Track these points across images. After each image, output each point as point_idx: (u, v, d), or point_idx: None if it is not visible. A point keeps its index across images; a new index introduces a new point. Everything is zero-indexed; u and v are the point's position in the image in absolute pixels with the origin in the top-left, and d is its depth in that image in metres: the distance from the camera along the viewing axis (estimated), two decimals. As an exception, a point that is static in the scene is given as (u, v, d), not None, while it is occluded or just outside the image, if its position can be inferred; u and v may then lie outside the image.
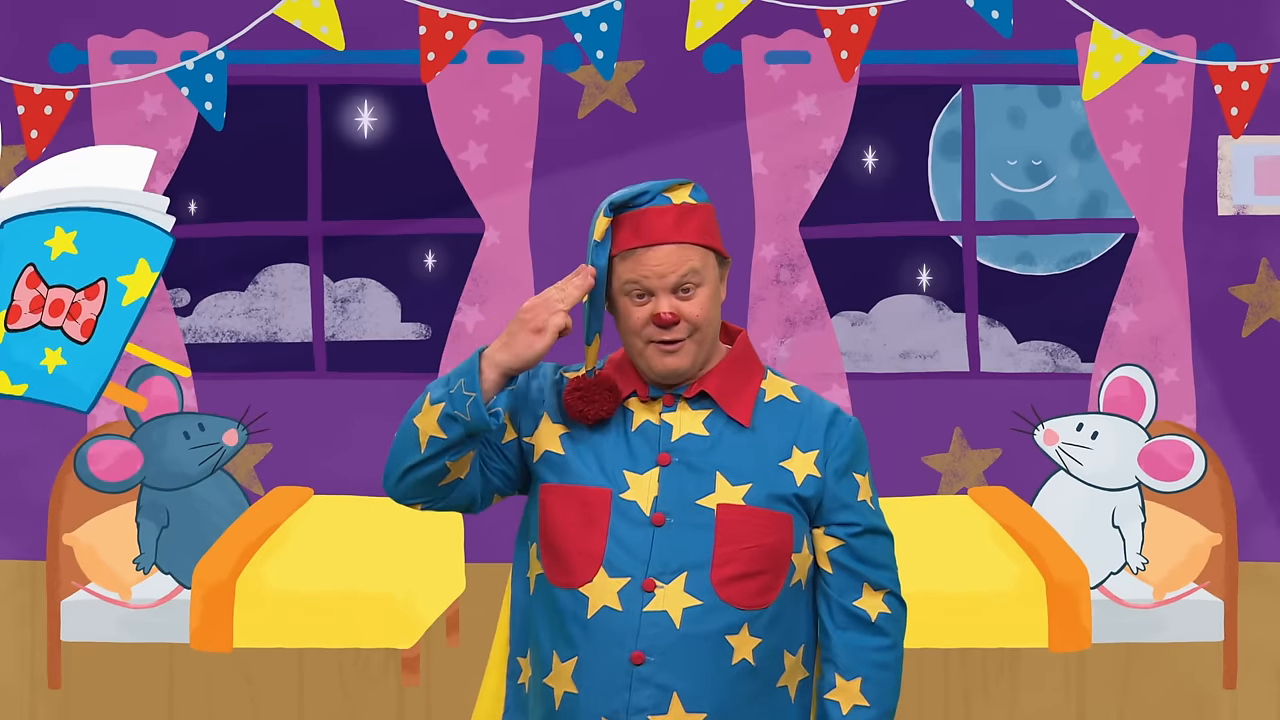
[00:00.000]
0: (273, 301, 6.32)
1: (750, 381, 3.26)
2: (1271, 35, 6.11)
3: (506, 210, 6.22)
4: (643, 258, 3.19)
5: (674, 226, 3.20)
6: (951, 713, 6.04)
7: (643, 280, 3.19)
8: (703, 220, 3.23)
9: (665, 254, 3.19)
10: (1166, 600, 5.53)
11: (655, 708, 3.13)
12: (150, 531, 5.65)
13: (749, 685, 3.16)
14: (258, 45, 6.10)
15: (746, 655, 3.16)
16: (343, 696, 6.07)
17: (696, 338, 3.21)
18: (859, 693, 3.20)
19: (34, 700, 6.11)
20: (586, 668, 3.16)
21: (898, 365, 6.28)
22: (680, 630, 3.13)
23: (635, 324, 3.21)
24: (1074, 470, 5.62)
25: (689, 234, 3.21)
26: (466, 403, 3.19)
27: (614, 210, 3.21)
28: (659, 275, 3.18)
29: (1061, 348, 6.29)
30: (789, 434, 3.23)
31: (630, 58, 6.16)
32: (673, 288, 3.19)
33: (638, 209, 3.22)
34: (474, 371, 3.22)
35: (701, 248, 3.21)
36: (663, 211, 3.21)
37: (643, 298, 3.20)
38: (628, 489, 3.20)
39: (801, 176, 6.20)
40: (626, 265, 3.20)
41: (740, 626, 3.15)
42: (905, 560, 5.42)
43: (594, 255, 3.23)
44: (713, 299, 3.22)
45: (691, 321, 3.19)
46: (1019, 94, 6.27)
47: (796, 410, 3.25)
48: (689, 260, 3.20)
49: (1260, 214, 6.19)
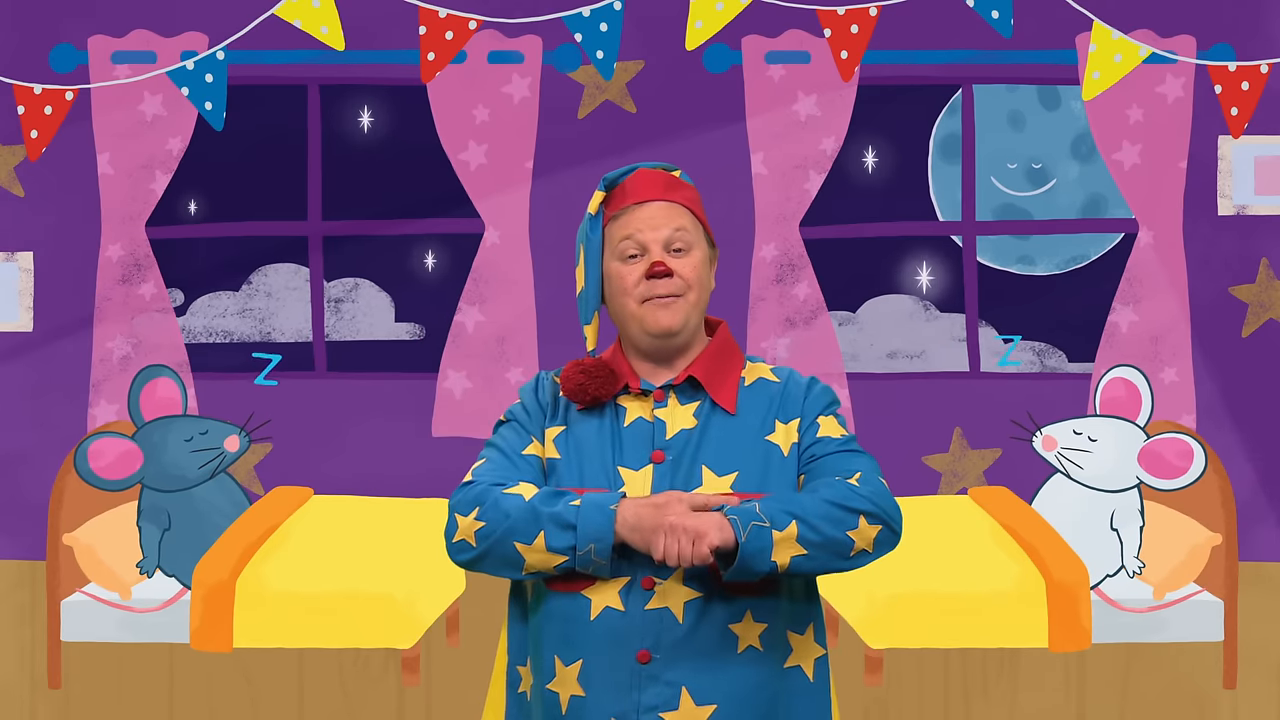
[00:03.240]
0: (266, 301, 6.32)
1: (734, 368, 3.29)
2: (1271, 35, 6.11)
3: (506, 210, 6.22)
4: (635, 213, 3.25)
5: (664, 188, 3.28)
6: (951, 713, 6.04)
7: (636, 234, 3.23)
8: (692, 193, 3.32)
9: (656, 209, 3.25)
10: (1166, 601, 5.53)
11: (665, 705, 3.14)
12: (152, 534, 5.65)
13: (758, 671, 3.17)
14: (258, 45, 6.11)
15: (753, 641, 3.17)
16: (343, 696, 6.07)
17: (689, 298, 3.24)
18: (796, 495, 3.17)
19: (34, 700, 6.11)
20: (592, 670, 3.16)
21: (885, 365, 6.28)
22: (684, 625, 3.14)
23: (629, 284, 3.24)
24: (1074, 474, 5.63)
25: (678, 196, 3.28)
26: (593, 566, 3.15)
27: (608, 186, 3.26)
28: (652, 227, 3.23)
29: (1048, 348, 6.29)
30: (771, 410, 3.26)
31: (630, 58, 6.16)
32: (664, 243, 3.23)
33: (630, 175, 3.27)
34: (607, 540, 3.14)
35: (691, 213, 3.26)
36: (653, 174, 3.29)
37: (635, 257, 3.23)
38: (623, 486, 3.21)
39: (801, 176, 6.20)
40: (619, 224, 3.25)
41: (743, 614, 3.16)
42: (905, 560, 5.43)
43: (586, 229, 3.27)
44: (702, 264, 3.26)
45: (684, 278, 3.22)
46: (1019, 95, 6.27)
47: (776, 388, 3.29)
48: (679, 218, 3.26)
49: (1260, 214, 6.19)
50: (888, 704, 6.03)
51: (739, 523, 3.07)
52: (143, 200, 6.21)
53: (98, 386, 6.21)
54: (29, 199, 6.20)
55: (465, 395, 6.24)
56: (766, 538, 3.07)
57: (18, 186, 6.19)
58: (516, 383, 6.20)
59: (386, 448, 6.22)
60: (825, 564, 3.11)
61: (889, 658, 5.75)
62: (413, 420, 6.23)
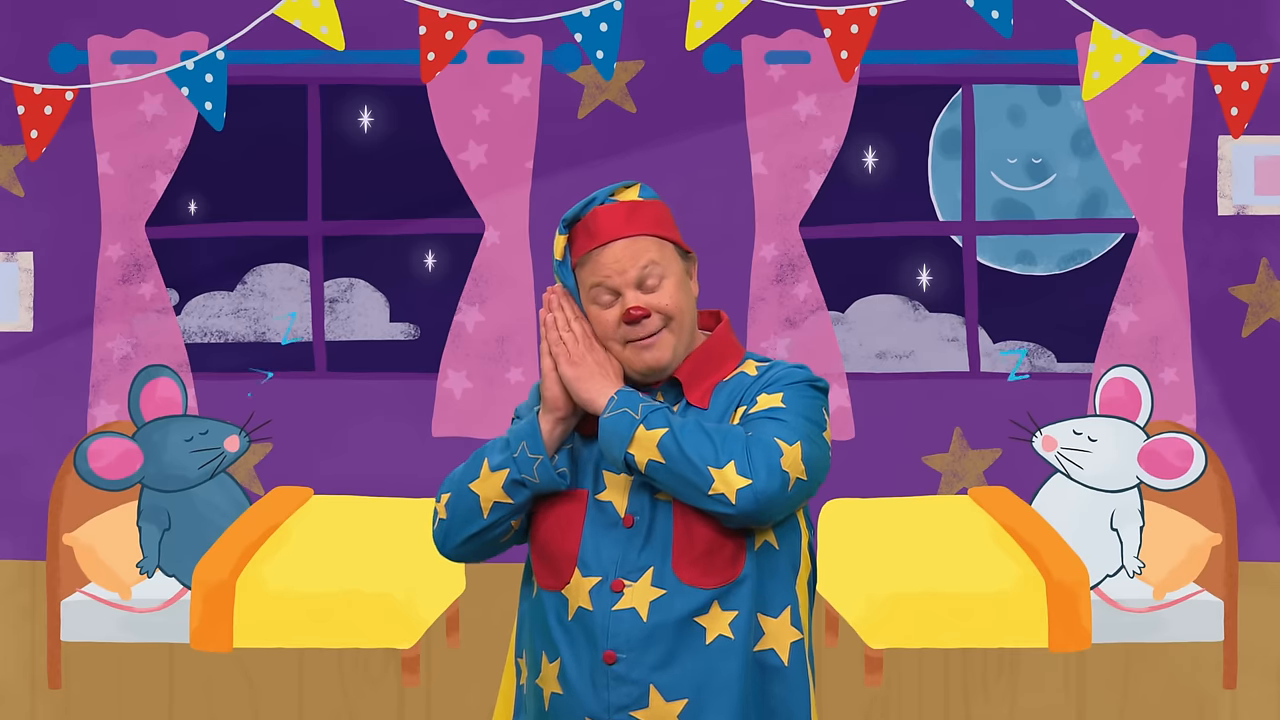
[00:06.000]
0: (261, 301, 6.32)
1: (721, 366, 3.27)
2: (1271, 35, 6.11)
3: (506, 210, 6.22)
4: (600, 258, 3.20)
5: (624, 222, 3.21)
6: (951, 713, 6.04)
7: (605, 281, 3.20)
8: (654, 214, 3.24)
9: (620, 249, 3.20)
10: (1166, 601, 5.53)
11: (635, 704, 3.15)
12: (152, 535, 5.65)
13: (730, 660, 3.16)
14: (258, 45, 6.11)
15: (723, 630, 3.16)
16: (343, 696, 6.07)
17: (672, 328, 3.21)
18: (695, 419, 3.18)
19: (34, 700, 6.11)
20: (568, 669, 3.18)
21: (873, 365, 6.27)
22: (648, 624, 3.14)
23: (608, 328, 3.22)
24: (1074, 474, 5.62)
25: (640, 226, 3.21)
26: (533, 465, 3.19)
27: (567, 226, 3.23)
28: (619, 271, 3.19)
29: (1038, 348, 6.29)
30: (734, 400, 3.24)
31: (630, 58, 6.16)
32: (636, 283, 3.19)
33: (588, 214, 3.23)
34: (536, 434, 3.20)
35: (657, 239, 3.22)
36: (611, 210, 3.22)
37: (610, 300, 3.21)
38: (605, 489, 3.22)
39: (801, 176, 6.20)
40: (587, 270, 3.21)
41: (709, 606, 3.16)
42: (905, 560, 5.44)
43: (560, 275, 3.25)
44: (680, 288, 3.22)
45: (663, 311, 3.20)
46: (1019, 93, 6.27)
47: (751, 379, 3.26)
48: (646, 252, 3.20)
49: (1260, 214, 6.19)
50: (888, 704, 6.04)
51: (615, 401, 3.14)
52: (143, 200, 6.21)
53: (98, 386, 6.21)
54: (29, 199, 6.20)
55: (465, 395, 6.24)
56: (628, 427, 3.11)
57: (18, 186, 6.19)
58: (516, 383, 6.20)
59: (386, 448, 6.22)
60: (680, 488, 3.11)
61: (889, 658, 5.75)
62: (413, 420, 6.23)
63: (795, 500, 3.16)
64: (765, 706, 3.20)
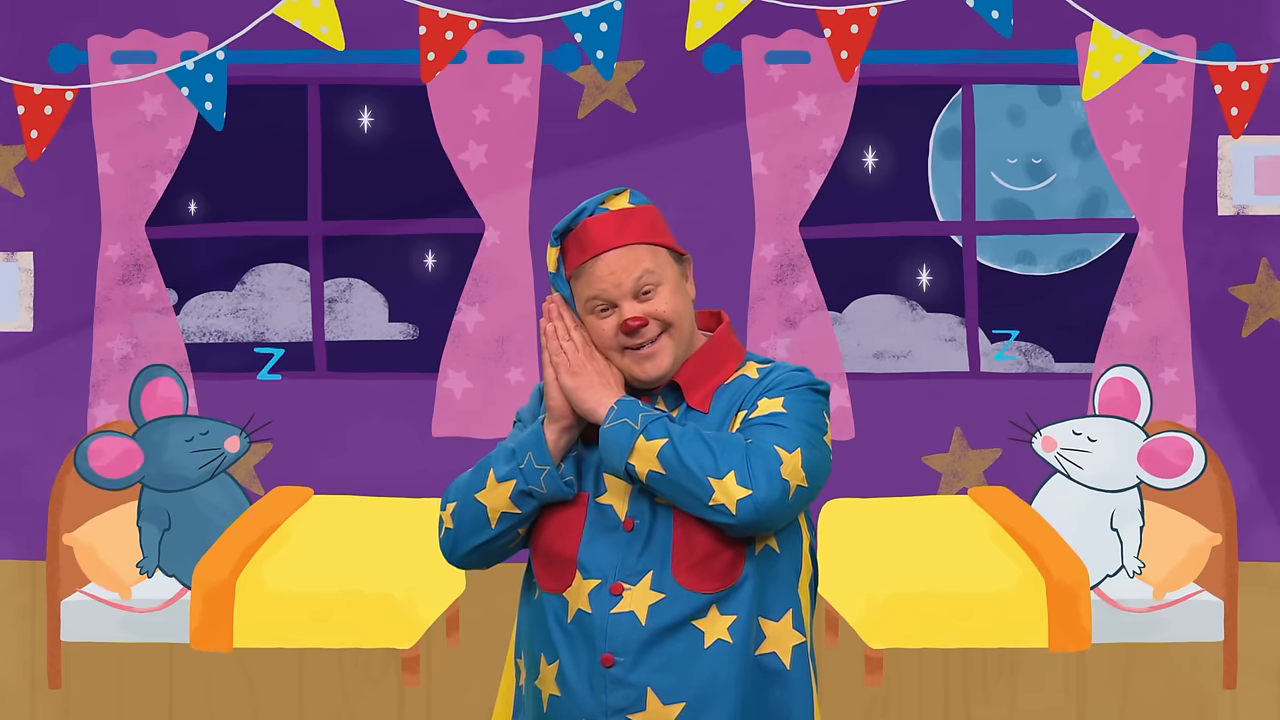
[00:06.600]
0: (260, 301, 6.32)
1: (721, 368, 3.27)
2: (1271, 35, 6.11)
3: (506, 210, 6.22)
4: (593, 270, 3.19)
5: (616, 231, 3.20)
6: (951, 713, 6.04)
7: (601, 293, 3.19)
8: (645, 220, 3.23)
9: (614, 259, 3.19)
10: (1166, 601, 5.53)
11: (632, 707, 3.15)
12: (152, 535, 5.65)
13: (728, 664, 3.16)
14: (258, 45, 6.11)
15: (721, 635, 3.16)
16: (343, 696, 6.07)
17: (671, 334, 3.21)
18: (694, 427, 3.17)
19: (34, 700, 6.11)
20: (566, 671, 3.18)
21: (872, 365, 6.27)
22: (646, 627, 3.14)
23: (606, 338, 3.21)
24: (1074, 474, 5.62)
25: (632, 235, 3.20)
26: (541, 476, 3.19)
27: (559, 238, 3.22)
28: (614, 283, 3.18)
29: (1035, 348, 6.29)
30: (735, 403, 3.23)
31: (630, 58, 6.16)
32: (632, 292, 3.19)
33: (579, 226, 3.22)
34: (541, 443, 3.20)
35: (650, 246, 3.21)
36: (602, 220, 3.21)
37: (606, 311, 3.20)
38: (605, 492, 3.21)
39: (801, 176, 6.20)
40: (582, 283, 3.21)
41: (707, 610, 3.16)
42: (905, 560, 5.44)
43: (555, 286, 3.24)
44: (677, 293, 3.21)
45: (661, 318, 3.19)
46: (1019, 93, 6.27)
47: (750, 382, 3.25)
48: (640, 262, 3.19)
49: (1260, 214, 6.19)
50: (888, 704, 6.04)
51: (615, 411, 3.13)
52: (143, 200, 6.21)
53: (98, 386, 6.21)
54: (29, 199, 6.20)
55: (465, 395, 6.24)
56: (628, 438, 3.11)
57: (18, 186, 6.19)
58: (516, 383, 6.20)
59: (386, 448, 6.22)
60: (681, 498, 3.11)
61: (889, 658, 5.75)
62: (413, 420, 6.23)
63: (796, 507, 3.16)
64: (766, 710, 3.20)
